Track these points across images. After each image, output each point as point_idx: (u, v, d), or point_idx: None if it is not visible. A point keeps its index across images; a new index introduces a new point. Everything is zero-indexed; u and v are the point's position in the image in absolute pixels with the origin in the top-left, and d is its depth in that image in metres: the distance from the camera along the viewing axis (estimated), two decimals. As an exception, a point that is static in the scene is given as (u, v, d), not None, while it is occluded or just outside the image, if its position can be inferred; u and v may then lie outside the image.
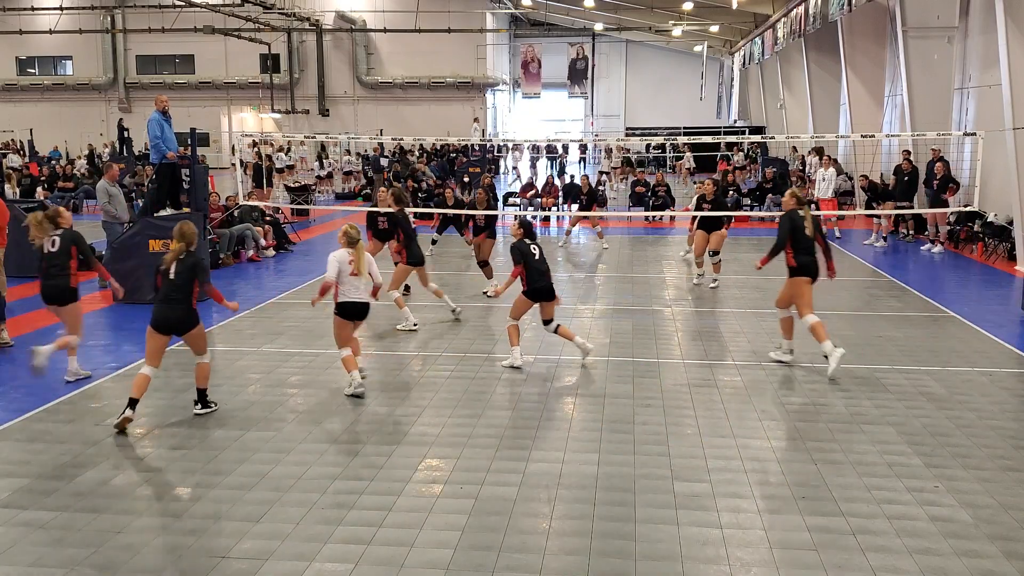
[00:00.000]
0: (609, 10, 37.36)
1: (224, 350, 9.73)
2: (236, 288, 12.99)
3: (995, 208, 15.82)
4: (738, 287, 13.13)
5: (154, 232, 11.89)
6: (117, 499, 5.81)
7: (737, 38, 38.87)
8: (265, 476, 6.13)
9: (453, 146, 33.92)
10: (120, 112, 42.80)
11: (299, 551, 5.09)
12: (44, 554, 5.08)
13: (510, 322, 8.96)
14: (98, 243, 14.87)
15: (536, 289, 8.77)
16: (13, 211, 14.16)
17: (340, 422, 7.27)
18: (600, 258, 16.02)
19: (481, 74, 42.63)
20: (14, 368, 8.96)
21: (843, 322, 10.72)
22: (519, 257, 8.77)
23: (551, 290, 8.86)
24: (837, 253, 16.31)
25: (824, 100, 27.17)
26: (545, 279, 8.81)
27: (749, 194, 22.93)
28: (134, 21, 41.55)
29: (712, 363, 8.99)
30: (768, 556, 5.04)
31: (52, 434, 6.99)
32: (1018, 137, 13.68)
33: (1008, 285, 13.15)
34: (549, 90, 46.87)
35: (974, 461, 6.39)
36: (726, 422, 7.26)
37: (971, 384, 8.27)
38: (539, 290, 8.78)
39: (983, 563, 4.95)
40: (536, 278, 8.75)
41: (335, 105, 43.35)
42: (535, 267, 8.77)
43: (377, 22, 40.13)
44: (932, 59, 18.28)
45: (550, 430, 7.07)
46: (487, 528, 5.36)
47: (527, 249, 8.82)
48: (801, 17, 24.01)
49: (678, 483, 6.01)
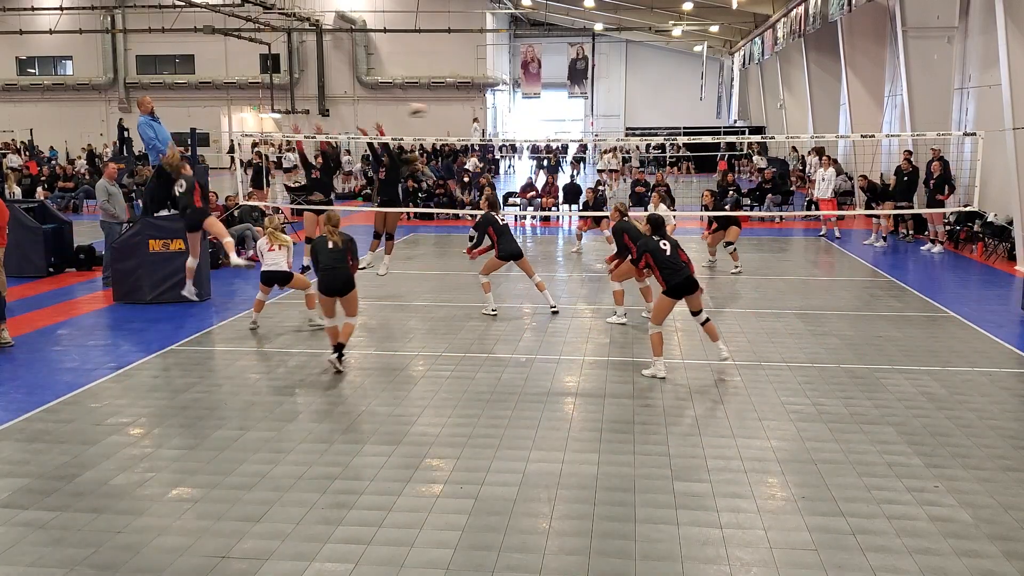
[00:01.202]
0: (609, 10, 37.36)
1: (224, 350, 9.73)
2: (236, 288, 12.99)
3: (995, 208, 15.82)
4: (738, 287, 13.13)
5: (154, 232, 11.89)
6: (117, 499, 5.80)
7: (737, 38, 38.87)
8: (265, 476, 6.13)
9: (450, 146, 33.91)
10: (120, 112, 42.75)
11: (299, 551, 5.09)
12: (44, 554, 5.08)
13: (654, 329, 8.53)
14: (97, 243, 14.90)
15: (676, 285, 8.43)
16: (13, 211, 14.21)
17: (340, 422, 7.27)
18: (601, 259, 16.02)
19: (481, 74, 42.63)
20: (14, 368, 8.96)
21: (843, 322, 10.72)
22: (642, 251, 8.60)
23: (692, 282, 8.49)
24: (837, 253, 16.44)
25: (824, 100, 27.18)
26: (680, 273, 8.43)
27: (749, 194, 22.92)
28: (134, 21, 41.53)
29: (712, 363, 8.99)
30: (768, 556, 5.04)
31: (52, 434, 6.99)
32: (1018, 137, 13.68)
33: (1008, 285, 13.16)
34: (549, 90, 46.87)
35: (974, 461, 6.39)
36: (726, 422, 7.26)
37: (971, 384, 8.27)
38: (679, 286, 8.44)
39: (983, 563, 4.95)
40: (670, 275, 8.43)
41: (335, 105, 43.34)
42: (667, 264, 8.45)
43: (377, 22, 40.14)
44: (932, 59, 18.28)
45: (550, 430, 7.07)
46: (487, 528, 5.36)
47: (655, 246, 8.54)
48: (801, 17, 24.01)
49: (678, 483, 6.01)
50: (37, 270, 13.95)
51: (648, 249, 8.57)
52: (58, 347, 9.78)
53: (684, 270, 8.46)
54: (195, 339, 10.09)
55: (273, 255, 10.12)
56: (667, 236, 8.74)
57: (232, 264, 10.90)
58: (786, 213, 21.94)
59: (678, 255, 8.53)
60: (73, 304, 12.13)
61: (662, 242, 8.57)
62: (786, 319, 10.91)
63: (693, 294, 8.54)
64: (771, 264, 15.31)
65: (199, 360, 9.23)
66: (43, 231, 14.07)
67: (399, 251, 16.76)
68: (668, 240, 8.64)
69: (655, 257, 8.51)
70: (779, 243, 18.09)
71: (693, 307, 8.64)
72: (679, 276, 8.42)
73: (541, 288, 11.34)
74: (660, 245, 8.54)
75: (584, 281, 13.80)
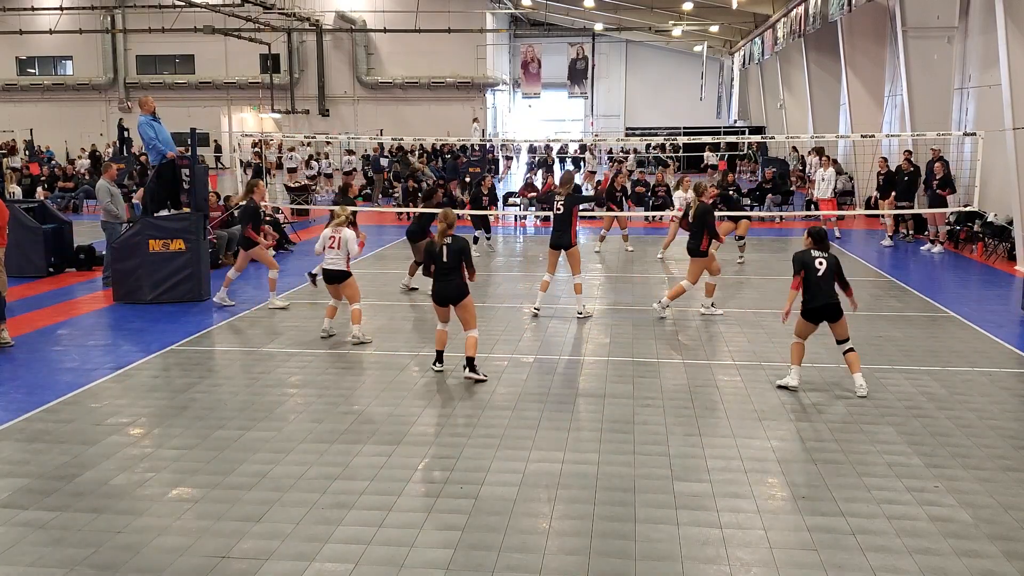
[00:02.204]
0: (609, 10, 37.37)
1: (224, 350, 9.73)
2: (236, 288, 12.98)
3: (995, 208, 15.83)
4: (738, 287, 13.13)
5: (154, 232, 11.89)
6: (117, 499, 5.81)
7: (737, 38, 38.87)
8: (265, 476, 6.13)
9: (449, 146, 33.91)
10: (120, 112, 42.77)
11: (299, 551, 5.09)
12: (44, 554, 5.08)
13: (794, 339, 8.20)
14: (98, 243, 14.91)
15: (812, 309, 7.92)
16: (13, 211, 14.21)
17: (340, 422, 7.27)
18: (604, 259, 16.03)
19: (481, 74, 42.62)
20: (14, 368, 8.96)
21: (843, 322, 10.71)
22: (798, 267, 7.96)
23: (835, 307, 7.91)
24: (837, 253, 16.39)
25: (824, 100, 27.18)
26: (821, 298, 7.87)
27: (749, 194, 22.92)
28: (134, 21, 41.54)
29: (712, 363, 8.99)
30: (768, 556, 5.04)
31: (52, 434, 6.99)
32: (1018, 137, 13.67)
33: (1008, 285, 13.16)
34: (549, 90, 46.87)
35: (974, 461, 6.39)
36: (726, 422, 7.26)
37: (971, 384, 8.27)
38: (816, 310, 7.91)
39: (983, 563, 4.95)
40: (811, 297, 7.91)
41: (335, 105, 43.34)
42: (814, 282, 7.87)
43: (377, 22, 40.14)
44: (932, 59, 18.28)
45: (550, 430, 7.07)
46: (487, 528, 5.36)
47: (810, 261, 7.93)
48: (801, 17, 24.01)
49: (678, 483, 6.01)
50: (37, 270, 13.96)
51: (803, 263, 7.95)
52: (58, 347, 9.78)
53: (824, 296, 7.88)
54: (195, 339, 10.09)
55: (333, 253, 9.74)
56: (827, 251, 8.10)
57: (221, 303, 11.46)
58: (786, 213, 21.94)
59: (832, 277, 7.93)
60: (73, 304, 12.13)
61: (818, 260, 7.92)
62: (786, 319, 10.90)
63: (835, 322, 7.99)
64: (771, 264, 15.31)
65: (199, 360, 9.23)
66: (43, 231, 14.07)
67: (399, 251, 16.77)
68: (826, 258, 7.99)
69: (806, 272, 7.90)
70: (779, 243, 18.09)
71: (838, 335, 8.07)
72: (818, 301, 7.90)
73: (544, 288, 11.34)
74: (815, 263, 7.91)
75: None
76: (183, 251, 11.85)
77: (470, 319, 8.40)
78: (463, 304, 8.36)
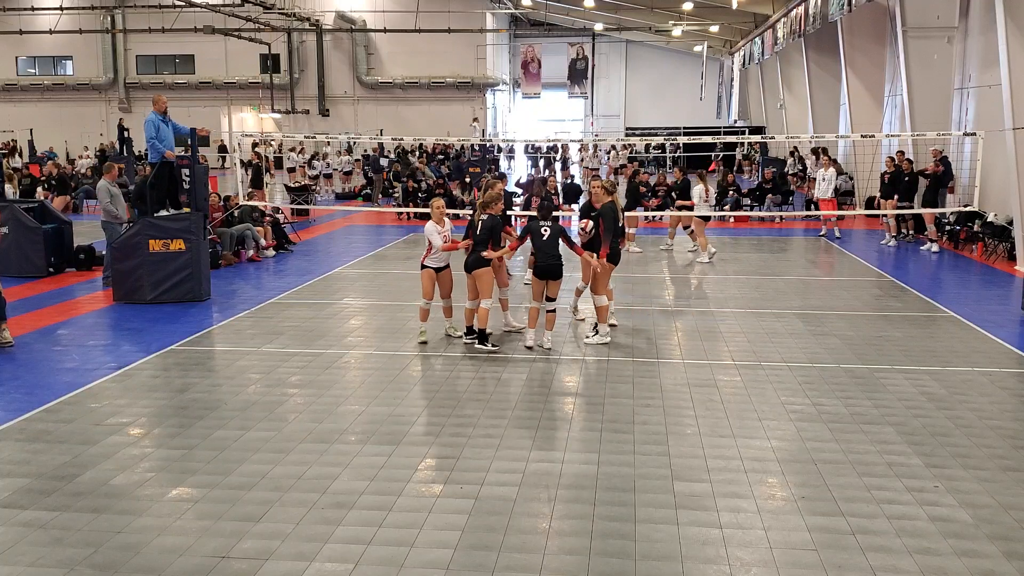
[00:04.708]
0: (609, 10, 37.38)
1: (224, 350, 9.73)
2: (236, 288, 13.00)
3: (995, 208, 15.83)
4: (738, 287, 13.13)
5: (154, 232, 11.89)
6: (117, 499, 5.80)
7: (737, 38, 38.87)
8: (265, 476, 6.13)
9: (449, 147, 33.92)
10: (120, 112, 42.84)
11: (299, 551, 5.09)
12: (44, 554, 5.08)
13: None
14: (98, 243, 14.91)
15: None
16: (13, 211, 14.21)
17: (340, 422, 7.27)
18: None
19: (481, 74, 42.65)
20: (14, 368, 8.96)
21: (843, 322, 10.72)
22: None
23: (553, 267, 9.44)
24: (837, 253, 16.43)
25: (824, 100, 27.18)
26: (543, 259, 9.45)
27: (749, 194, 22.93)
28: (134, 21, 41.57)
29: (712, 363, 8.99)
30: (768, 556, 5.04)
31: (52, 434, 6.99)
32: (1018, 137, 13.68)
33: (1008, 285, 13.16)
34: (549, 90, 46.88)
35: (974, 461, 6.39)
36: (726, 422, 7.26)
37: (971, 384, 8.27)
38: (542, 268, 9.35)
39: (983, 563, 4.95)
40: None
41: (335, 105, 43.37)
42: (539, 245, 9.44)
43: (377, 22, 40.16)
44: (932, 59, 18.28)
45: (550, 430, 7.07)
46: (487, 528, 5.36)
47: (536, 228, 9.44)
48: (801, 17, 24.01)
49: (678, 483, 6.01)
50: (37, 270, 13.95)
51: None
52: (58, 347, 9.78)
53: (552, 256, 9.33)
54: (195, 339, 10.09)
55: (436, 253, 9.65)
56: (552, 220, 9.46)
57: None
58: (786, 213, 21.94)
59: (556, 239, 9.37)
60: (73, 304, 12.13)
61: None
62: (786, 319, 10.91)
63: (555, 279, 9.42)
64: (771, 264, 15.31)
65: (199, 360, 9.23)
66: (43, 231, 14.07)
67: (399, 251, 16.77)
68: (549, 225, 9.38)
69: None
70: (779, 243, 18.09)
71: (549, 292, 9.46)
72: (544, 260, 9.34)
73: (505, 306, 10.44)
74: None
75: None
76: (183, 251, 11.85)
77: (483, 288, 9.38)
78: (477, 273, 9.39)
